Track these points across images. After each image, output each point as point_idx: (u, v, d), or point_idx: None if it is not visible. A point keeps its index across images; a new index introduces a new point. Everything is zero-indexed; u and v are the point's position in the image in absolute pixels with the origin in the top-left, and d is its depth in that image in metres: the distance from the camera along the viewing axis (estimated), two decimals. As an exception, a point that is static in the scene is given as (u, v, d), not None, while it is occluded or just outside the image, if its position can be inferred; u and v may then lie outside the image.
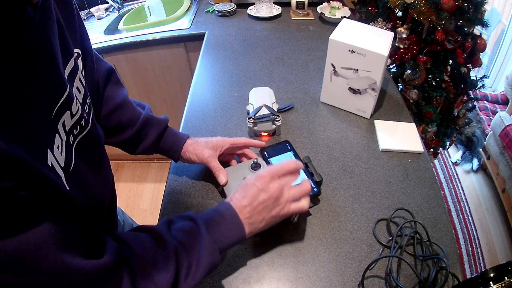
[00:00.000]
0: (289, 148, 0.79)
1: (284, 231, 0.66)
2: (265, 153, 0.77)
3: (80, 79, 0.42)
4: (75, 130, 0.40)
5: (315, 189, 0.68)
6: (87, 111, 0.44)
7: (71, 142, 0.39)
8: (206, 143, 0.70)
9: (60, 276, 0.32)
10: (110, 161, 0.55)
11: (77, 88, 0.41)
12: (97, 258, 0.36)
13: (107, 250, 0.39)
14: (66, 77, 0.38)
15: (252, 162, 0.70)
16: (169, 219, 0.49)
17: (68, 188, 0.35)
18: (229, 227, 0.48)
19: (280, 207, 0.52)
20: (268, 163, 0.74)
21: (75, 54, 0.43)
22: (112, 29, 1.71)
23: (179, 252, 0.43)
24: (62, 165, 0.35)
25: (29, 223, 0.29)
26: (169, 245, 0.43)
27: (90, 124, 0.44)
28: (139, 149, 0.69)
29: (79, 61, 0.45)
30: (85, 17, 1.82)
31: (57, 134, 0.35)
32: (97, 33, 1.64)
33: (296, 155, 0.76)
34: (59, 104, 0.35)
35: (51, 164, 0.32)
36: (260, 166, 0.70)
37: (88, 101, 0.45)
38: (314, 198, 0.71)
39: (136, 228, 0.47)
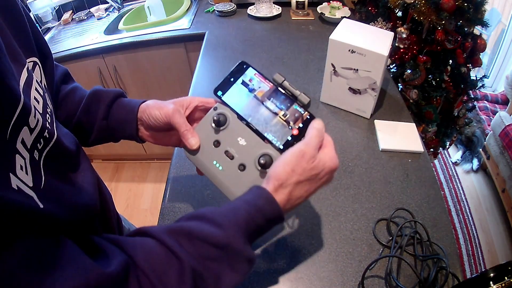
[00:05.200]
0: (246, 68, 0.53)
1: (284, 231, 0.66)
2: (219, 92, 0.53)
3: (36, 89, 0.39)
4: (39, 145, 0.36)
5: (308, 117, 0.50)
6: (49, 121, 0.40)
7: (37, 158, 0.35)
8: (170, 100, 0.57)
9: None
10: (110, 161, 0.52)
11: (35, 98, 0.38)
12: (101, 268, 0.32)
13: (114, 261, 0.34)
14: (22, 89, 0.34)
15: (213, 116, 0.51)
16: (185, 229, 0.39)
17: (42, 206, 0.32)
18: (269, 225, 0.42)
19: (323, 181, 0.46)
20: (227, 105, 0.52)
21: (30, 63, 0.40)
22: (112, 29, 1.71)
23: (199, 271, 0.36)
24: (31, 185, 0.32)
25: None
26: (185, 265, 0.36)
27: (56, 134, 0.40)
28: (93, 134, 0.57)
29: (36, 70, 0.42)
30: (85, 17, 1.82)
31: (17, 155, 0.31)
32: (97, 33, 1.64)
33: (261, 74, 0.53)
34: (12, 121, 0.31)
35: (17, 187, 0.29)
36: (225, 117, 0.51)
37: (49, 110, 0.41)
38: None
39: (139, 232, 0.40)
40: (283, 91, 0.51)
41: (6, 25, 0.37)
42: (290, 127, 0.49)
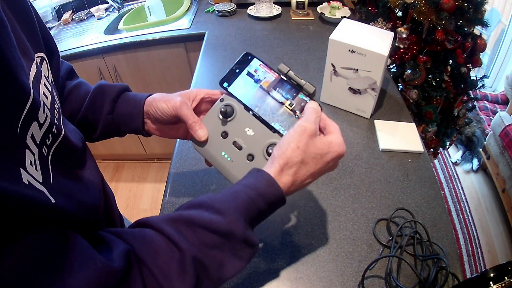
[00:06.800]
0: (251, 59, 0.56)
1: (284, 231, 0.66)
2: (225, 83, 0.53)
3: (45, 84, 0.39)
4: (47, 140, 0.36)
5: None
6: (57, 117, 0.40)
7: (46, 154, 0.35)
8: (176, 93, 0.57)
9: None
10: (110, 161, 0.52)
11: (44, 93, 0.38)
12: (109, 265, 0.32)
13: (116, 251, 0.34)
14: (31, 84, 0.34)
15: (221, 108, 0.52)
16: (184, 217, 0.38)
17: (54, 201, 0.32)
18: (270, 208, 0.41)
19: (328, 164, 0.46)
20: (233, 96, 0.53)
21: (38, 58, 0.40)
22: (112, 29, 1.71)
23: (200, 259, 0.36)
24: (41, 181, 0.32)
25: (10, 250, 0.26)
26: (186, 254, 0.35)
27: (63, 130, 0.40)
28: (98, 129, 0.57)
29: (44, 65, 0.41)
30: (85, 17, 1.82)
31: (27, 150, 0.31)
32: (97, 33, 1.64)
33: (266, 65, 0.55)
34: (23, 116, 0.31)
35: (28, 182, 0.29)
36: (232, 108, 0.52)
37: (56, 106, 0.41)
38: None
39: (138, 224, 0.40)
40: (289, 81, 0.51)
41: (15, 20, 0.37)
42: (296, 116, 0.50)
